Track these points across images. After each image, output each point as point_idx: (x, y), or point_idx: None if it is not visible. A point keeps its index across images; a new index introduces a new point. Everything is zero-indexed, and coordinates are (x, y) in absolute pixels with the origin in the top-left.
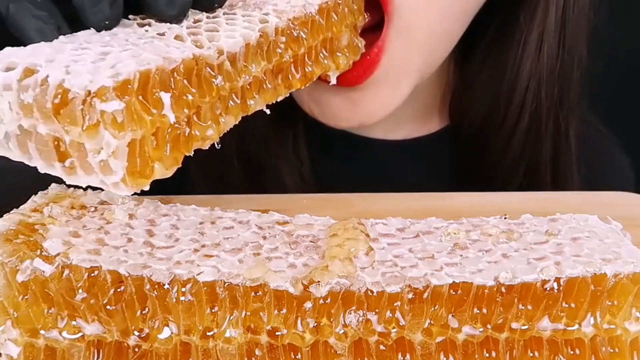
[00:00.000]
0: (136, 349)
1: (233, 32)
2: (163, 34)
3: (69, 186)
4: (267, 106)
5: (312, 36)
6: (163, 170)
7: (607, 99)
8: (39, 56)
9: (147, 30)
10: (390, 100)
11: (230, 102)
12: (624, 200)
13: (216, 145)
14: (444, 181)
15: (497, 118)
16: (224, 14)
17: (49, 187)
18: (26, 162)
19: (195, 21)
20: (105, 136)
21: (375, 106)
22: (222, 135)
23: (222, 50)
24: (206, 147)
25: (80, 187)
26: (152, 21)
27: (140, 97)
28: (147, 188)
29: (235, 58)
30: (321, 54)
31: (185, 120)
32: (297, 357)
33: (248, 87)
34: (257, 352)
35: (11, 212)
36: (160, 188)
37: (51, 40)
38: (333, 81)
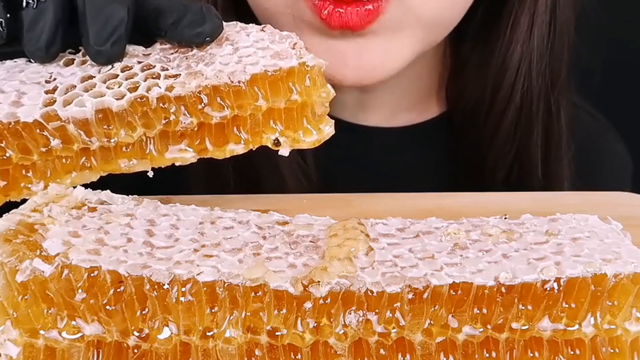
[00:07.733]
0: (136, 350)
1: (95, 96)
2: (50, 81)
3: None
4: None
5: (240, 107)
6: None
7: (604, 93)
8: None
9: (55, 78)
10: (391, 48)
11: (84, 162)
12: (624, 200)
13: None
14: (442, 167)
15: (488, 100)
16: (160, 63)
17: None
18: None
19: (123, 69)
20: None
21: (378, 54)
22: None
23: (54, 116)
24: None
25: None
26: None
27: None
28: None
29: (87, 123)
30: (271, 124)
31: None
32: (297, 357)
33: (126, 149)
34: (257, 352)
35: (11, 212)
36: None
37: None
38: (283, 152)
